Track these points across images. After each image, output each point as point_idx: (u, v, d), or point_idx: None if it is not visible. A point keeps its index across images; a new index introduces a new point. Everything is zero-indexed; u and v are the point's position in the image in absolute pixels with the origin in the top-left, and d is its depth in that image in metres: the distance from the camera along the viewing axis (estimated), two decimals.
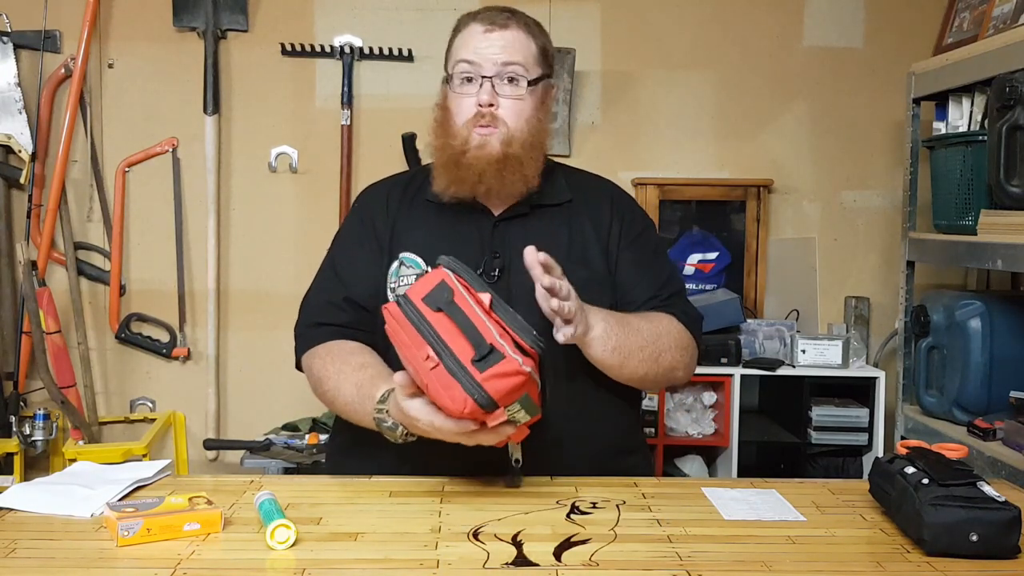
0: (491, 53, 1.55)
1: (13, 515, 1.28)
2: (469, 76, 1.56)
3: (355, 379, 1.48)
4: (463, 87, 1.57)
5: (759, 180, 3.21)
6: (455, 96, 1.58)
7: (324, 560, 1.13)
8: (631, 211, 1.71)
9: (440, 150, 1.59)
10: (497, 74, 1.55)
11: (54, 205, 3.04)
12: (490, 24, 1.57)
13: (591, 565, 1.12)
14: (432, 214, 1.63)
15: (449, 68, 1.60)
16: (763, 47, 3.27)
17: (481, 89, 1.55)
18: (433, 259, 1.55)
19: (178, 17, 3.13)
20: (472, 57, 1.56)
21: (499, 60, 1.55)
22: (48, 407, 2.90)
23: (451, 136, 1.57)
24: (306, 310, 1.66)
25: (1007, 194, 2.14)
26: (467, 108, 1.56)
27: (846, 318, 3.22)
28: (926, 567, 1.13)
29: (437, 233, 1.61)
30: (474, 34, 1.58)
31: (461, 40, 1.60)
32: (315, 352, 1.58)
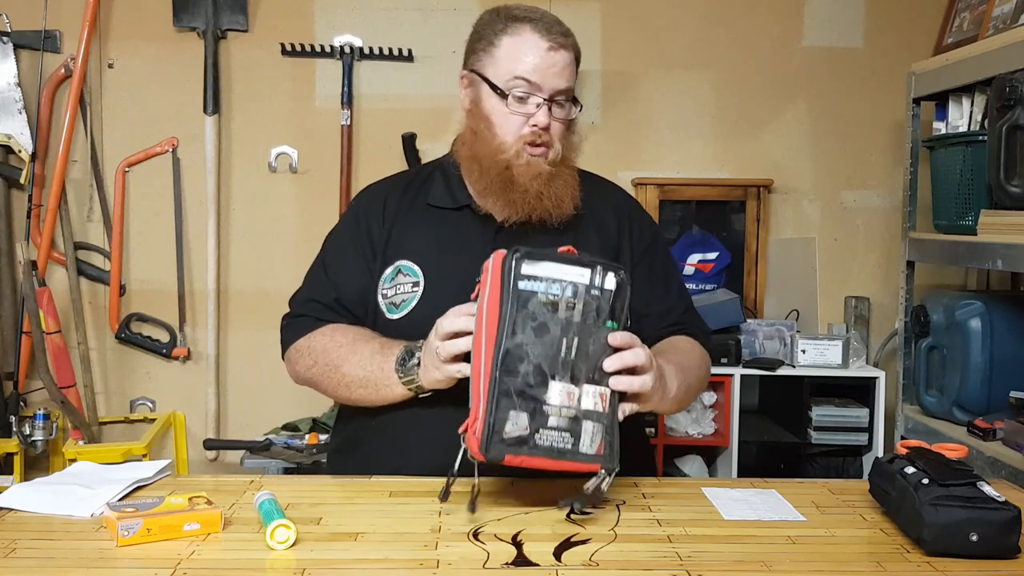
0: (552, 75, 1.51)
1: (13, 515, 1.28)
2: (525, 95, 1.52)
3: (378, 341, 1.50)
4: (517, 105, 1.52)
5: (759, 180, 3.21)
6: (505, 111, 1.53)
7: (324, 560, 1.13)
8: (639, 220, 1.70)
9: (481, 162, 1.54)
10: (553, 98, 1.53)
11: (54, 205, 3.04)
12: (552, 42, 1.52)
13: (591, 565, 1.12)
14: (432, 220, 1.60)
15: (500, 80, 1.53)
16: (763, 47, 3.27)
17: (539, 111, 1.51)
18: (432, 267, 1.56)
19: (178, 17, 3.13)
20: (534, 78, 1.51)
21: (558, 85, 1.52)
22: (48, 407, 2.90)
23: (496, 150, 1.53)
24: (295, 305, 1.66)
25: (1007, 194, 2.14)
26: (517, 125, 1.52)
27: (846, 318, 3.22)
28: (926, 567, 1.13)
29: (437, 241, 1.58)
30: (535, 49, 1.51)
31: (517, 50, 1.52)
32: (317, 332, 1.58)
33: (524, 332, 1.26)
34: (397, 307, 1.55)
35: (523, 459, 1.24)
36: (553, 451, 1.24)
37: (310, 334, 1.59)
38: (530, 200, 1.52)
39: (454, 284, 1.50)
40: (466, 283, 1.47)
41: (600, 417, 1.27)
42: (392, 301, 1.56)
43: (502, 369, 1.25)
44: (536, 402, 1.24)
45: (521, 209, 1.53)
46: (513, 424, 1.23)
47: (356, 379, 1.50)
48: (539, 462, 1.24)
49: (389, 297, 1.56)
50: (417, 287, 1.55)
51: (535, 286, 1.27)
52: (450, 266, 1.55)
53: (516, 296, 1.27)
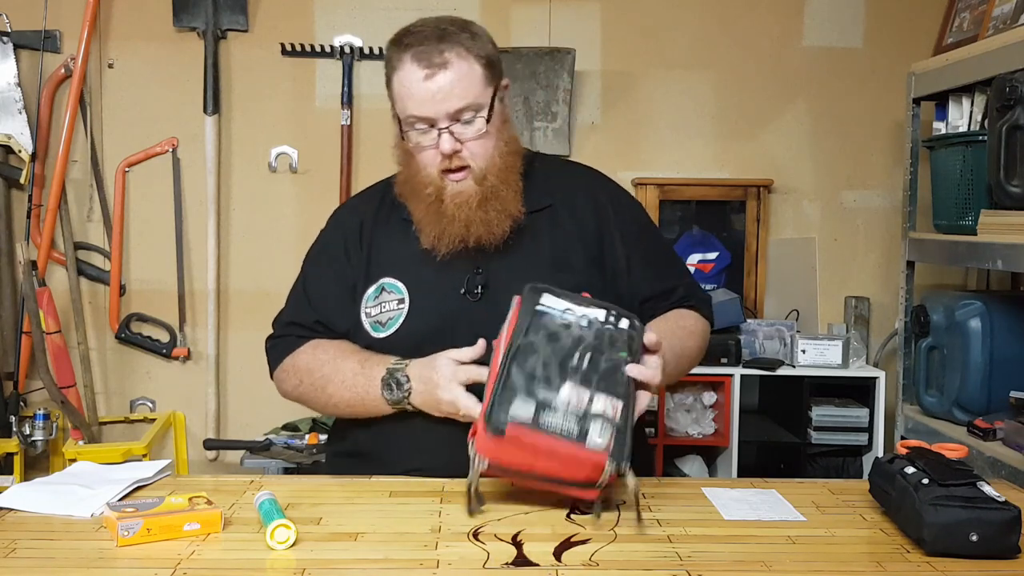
0: (439, 101, 1.46)
1: (13, 515, 1.28)
2: (425, 129, 1.50)
3: (357, 357, 1.50)
4: (421, 137, 1.50)
5: (759, 180, 3.21)
6: (415, 146, 1.51)
7: (324, 560, 1.13)
8: (617, 203, 1.65)
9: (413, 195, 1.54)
10: (450, 122, 1.48)
11: (54, 205, 3.04)
12: (428, 67, 1.46)
13: (591, 565, 1.12)
14: (410, 235, 1.57)
15: (400, 116, 1.52)
16: (763, 47, 3.27)
17: (441, 139, 1.48)
18: (414, 282, 1.54)
19: (178, 17, 3.13)
20: (421, 112, 1.47)
21: (450, 109, 1.47)
22: (48, 407, 2.90)
23: (422, 184, 1.51)
24: (278, 327, 1.66)
25: (1007, 194, 2.13)
26: (431, 157, 1.50)
27: (846, 318, 3.22)
28: (926, 567, 1.13)
29: (418, 255, 1.55)
30: (414, 83, 1.47)
31: (402, 86, 1.50)
32: (300, 350, 1.59)
33: (537, 335, 1.28)
34: (383, 325, 1.53)
35: (526, 434, 1.22)
36: (559, 432, 1.22)
37: (294, 353, 1.60)
38: (458, 228, 1.49)
39: (437, 299, 1.51)
40: (449, 298, 1.50)
41: (612, 421, 1.25)
42: (377, 320, 1.53)
43: (514, 361, 1.25)
44: (546, 395, 1.24)
45: (452, 239, 1.50)
46: (520, 406, 1.23)
47: (343, 400, 1.51)
48: (544, 440, 1.22)
49: (374, 316, 1.54)
50: (403, 304, 1.53)
51: (552, 311, 1.31)
52: (432, 281, 1.53)
53: (533, 312, 1.30)
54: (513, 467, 1.26)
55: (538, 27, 3.20)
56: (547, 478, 1.26)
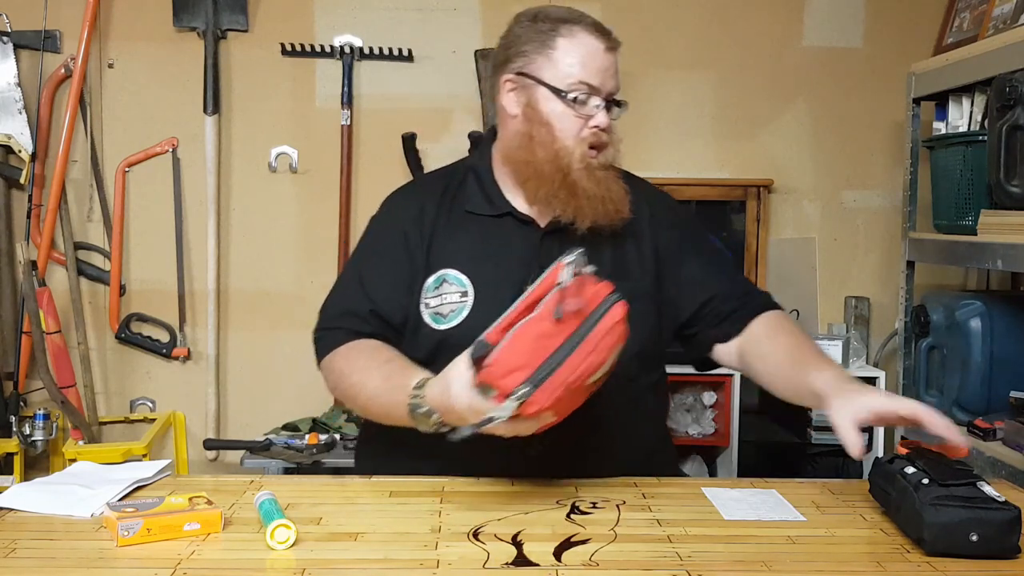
0: (608, 77, 1.53)
1: (13, 515, 1.28)
2: (586, 98, 1.52)
3: (383, 371, 1.44)
4: (579, 107, 1.51)
5: (759, 180, 3.21)
6: (567, 113, 1.51)
7: (324, 560, 1.13)
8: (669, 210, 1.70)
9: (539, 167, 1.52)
10: (609, 99, 1.53)
11: (54, 205, 3.04)
12: (608, 43, 1.54)
13: (591, 565, 1.12)
14: (473, 227, 1.57)
15: (561, 83, 1.51)
16: (763, 47, 3.27)
17: (599, 112, 1.51)
18: (479, 276, 1.53)
19: (178, 17, 3.13)
20: (595, 80, 1.51)
21: (613, 88, 1.54)
22: (48, 407, 2.90)
23: (556, 154, 1.50)
24: (327, 315, 1.60)
25: (1007, 194, 2.14)
26: (577, 127, 1.51)
27: (846, 318, 3.22)
28: (926, 567, 1.13)
29: (481, 248, 1.55)
30: (594, 51, 1.52)
31: (575, 52, 1.52)
32: (338, 351, 1.54)
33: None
34: (444, 317, 1.51)
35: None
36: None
37: (334, 351, 1.54)
38: (596, 205, 1.51)
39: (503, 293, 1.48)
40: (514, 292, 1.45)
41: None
42: (438, 311, 1.52)
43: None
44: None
45: (588, 215, 1.51)
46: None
47: (375, 413, 1.48)
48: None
49: (433, 307, 1.52)
50: (466, 297, 1.52)
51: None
52: (497, 275, 1.53)
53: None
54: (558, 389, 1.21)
55: None
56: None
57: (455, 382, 1.25)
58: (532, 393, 1.19)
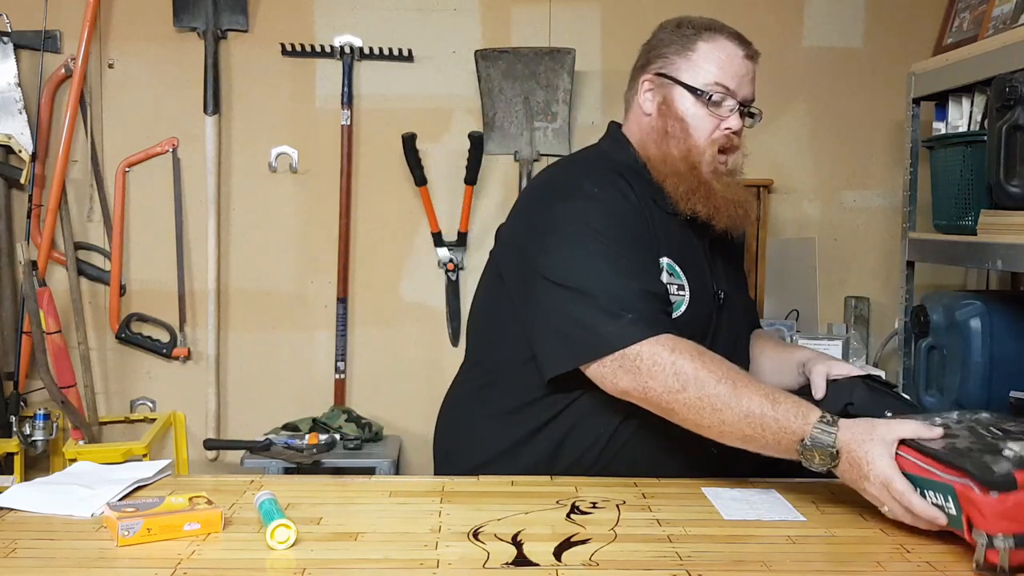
0: (746, 83, 1.59)
1: (13, 515, 1.28)
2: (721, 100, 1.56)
3: (762, 391, 1.32)
4: (714, 108, 1.56)
5: (759, 180, 3.20)
6: (702, 113, 1.56)
7: (324, 560, 1.13)
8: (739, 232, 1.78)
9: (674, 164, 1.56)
10: (744, 105, 1.58)
11: (54, 205, 3.04)
12: (748, 51, 1.61)
13: (591, 565, 1.12)
14: (670, 223, 1.59)
15: (699, 83, 1.57)
16: (763, 47, 3.20)
17: (732, 116, 1.57)
18: (689, 271, 1.55)
19: (178, 17, 3.13)
20: (731, 84, 1.57)
21: (748, 95, 1.60)
22: (48, 407, 2.89)
23: (687, 151, 1.55)
24: (617, 300, 1.40)
25: (1007, 194, 2.13)
26: (710, 128, 1.56)
27: (846, 318, 3.22)
28: (926, 567, 1.14)
29: (679, 242, 1.58)
30: (733, 57, 1.59)
31: (715, 56, 1.58)
32: (676, 351, 1.36)
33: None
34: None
35: None
36: None
37: (669, 346, 1.36)
38: (730, 208, 1.56)
39: (704, 289, 1.57)
40: (710, 296, 1.57)
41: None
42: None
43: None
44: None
45: (724, 216, 1.56)
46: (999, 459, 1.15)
47: (737, 431, 1.34)
48: None
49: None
50: (683, 291, 1.54)
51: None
52: (699, 278, 1.58)
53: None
54: None
55: (538, 27, 3.20)
56: None
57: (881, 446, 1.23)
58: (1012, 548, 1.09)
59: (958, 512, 1.13)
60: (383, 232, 3.21)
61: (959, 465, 1.13)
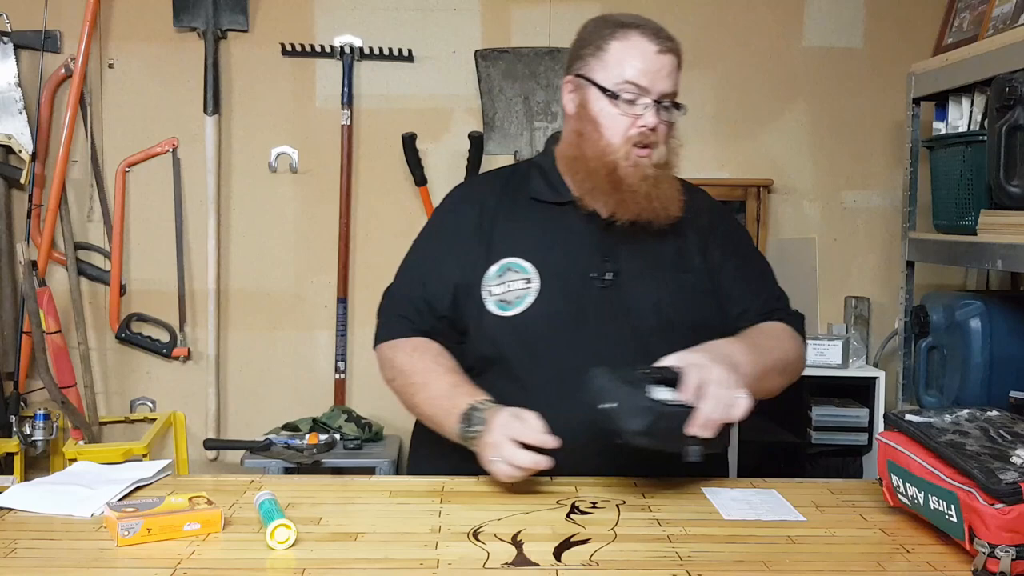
0: (660, 78, 1.56)
1: (13, 515, 1.28)
2: (634, 97, 1.55)
3: (450, 379, 1.52)
4: (625, 107, 1.55)
5: (759, 180, 3.21)
6: (614, 113, 1.55)
7: (324, 560, 1.13)
8: (727, 220, 1.77)
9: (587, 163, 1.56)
10: (660, 101, 1.56)
11: (54, 205, 3.04)
12: (660, 45, 1.57)
13: (591, 565, 1.12)
14: (536, 216, 1.62)
15: (610, 83, 1.55)
16: (763, 47, 3.27)
17: (647, 112, 1.54)
18: (544, 264, 1.56)
19: (178, 17, 3.13)
20: (643, 81, 1.54)
21: (665, 88, 1.56)
22: (48, 407, 2.90)
23: (603, 151, 1.55)
24: (390, 300, 1.67)
25: (1007, 194, 2.13)
26: (625, 126, 1.55)
27: (846, 318, 3.22)
28: (926, 567, 1.13)
29: (546, 237, 1.59)
30: (644, 53, 1.55)
31: (626, 54, 1.56)
32: (398, 344, 1.61)
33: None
34: (510, 304, 1.55)
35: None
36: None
37: (396, 344, 1.61)
38: (639, 200, 1.55)
39: (567, 281, 1.55)
40: (578, 281, 1.54)
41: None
42: (503, 299, 1.56)
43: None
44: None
45: (631, 209, 1.55)
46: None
47: (425, 414, 1.56)
48: None
49: (498, 295, 1.56)
50: (530, 284, 1.56)
51: None
52: (562, 261, 1.57)
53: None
54: None
55: (538, 27, 3.20)
56: None
57: (504, 440, 1.37)
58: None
59: (959, 520, 1.13)
60: (383, 232, 3.21)
61: (966, 469, 1.13)
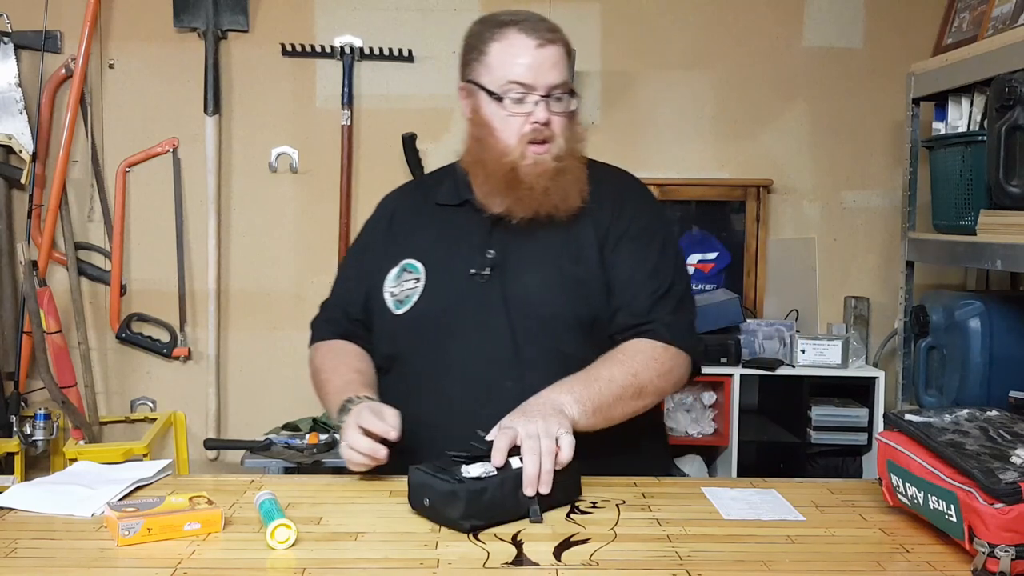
0: (544, 72, 1.54)
1: (14, 515, 1.28)
2: (522, 96, 1.54)
3: (346, 378, 1.59)
4: (514, 107, 1.54)
5: (759, 180, 3.21)
6: (504, 114, 1.55)
7: (324, 560, 1.13)
8: (636, 204, 1.65)
9: (486, 166, 1.57)
10: (549, 94, 1.54)
11: (55, 205, 3.04)
12: (540, 39, 1.55)
13: (591, 565, 1.13)
14: (437, 218, 1.66)
15: (495, 86, 1.55)
16: (763, 47, 3.27)
17: (537, 108, 1.54)
18: (431, 261, 1.60)
19: (178, 17, 3.13)
20: (527, 79, 1.53)
21: (552, 80, 1.54)
22: (49, 407, 2.90)
23: (501, 154, 1.55)
24: (321, 308, 1.78)
25: (1007, 194, 2.13)
26: (517, 125, 1.54)
27: (846, 318, 3.22)
28: (926, 567, 1.14)
29: (438, 237, 1.64)
30: (525, 50, 1.54)
31: (507, 54, 1.55)
32: (320, 346, 1.72)
33: None
34: (402, 303, 1.61)
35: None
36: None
37: (317, 345, 1.73)
38: (536, 197, 1.55)
39: (451, 275, 1.57)
40: (459, 277, 1.56)
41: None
42: (398, 298, 1.61)
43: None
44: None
45: (528, 206, 1.56)
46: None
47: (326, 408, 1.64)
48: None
49: (396, 295, 1.62)
50: (419, 282, 1.60)
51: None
52: (446, 258, 1.60)
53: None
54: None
55: None
56: None
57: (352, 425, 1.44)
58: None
59: (959, 520, 1.13)
60: None
61: (966, 469, 1.13)
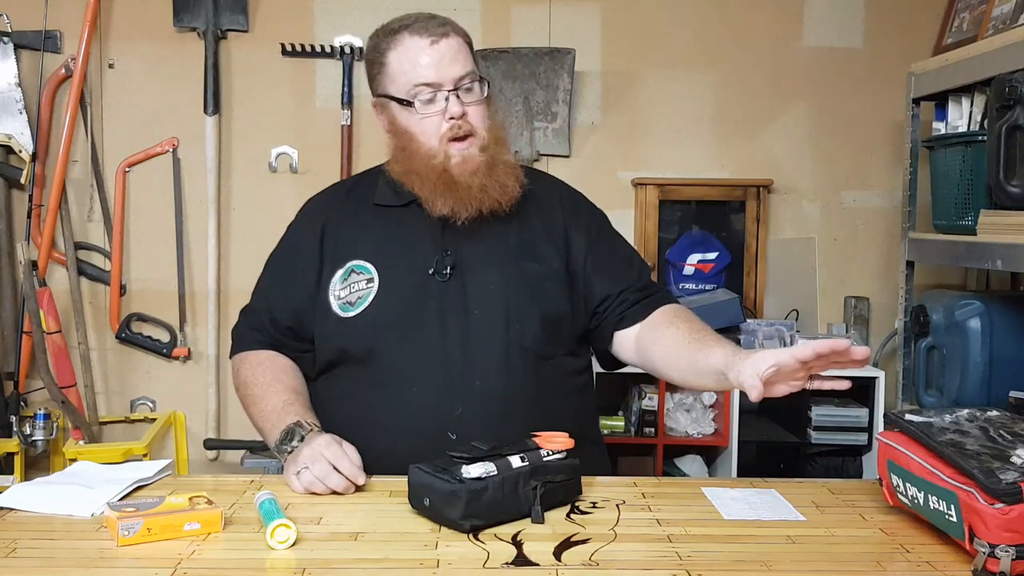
0: (445, 66, 1.54)
1: (13, 515, 1.28)
2: (431, 96, 1.54)
3: (284, 398, 1.57)
4: (426, 108, 1.54)
5: (759, 180, 3.21)
6: (419, 118, 1.55)
7: (324, 560, 1.13)
8: (582, 206, 1.72)
9: (418, 173, 1.56)
10: (457, 87, 1.54)
11: (54, 205, 3.04)
12: (431, 36, 1.54)
13: (591, 565, 1.13)
14: (380, 219, 1.63)
15: (403, 93, 1.55)
16: (763, 47, 3.27)
17: (449, 104, 1.53)
18: (384, 263, 1.58)
19: (178, 17, 3.13)
20: (427, 78, 1.53)
21: (455, 74, 1.54)
22: (48, 407, 2.90)
23: (426, 157, 1.54)
24: (242, 315, 1.73)
25: (1007, 194, 2.13)
26: (435, 126, 1.54)
27: (846, 318, 3.23)
28: (926, 567, 1.14)
29: (386, 238, 1.61)
30: (419, 50, 1.54)
31: (404, 59, 1.55)
32: (247, 356, 1.67)
33: None
34: (352, 305, 1.58)
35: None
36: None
37: (244, 355, 1.68)
38: (474, 195, 1.54)
39: (406, 278, 1.56)
40: (417, 277, 1.55)
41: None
42: (347, 300, 1.58)
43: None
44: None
45: (469, 205, 1.54)
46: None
47: (257, 425, 1.61)
48: None
49: (343, 297, 1.59)
50: (371, 283, 1.58)
51: None
52: (401, 261, 1.59)
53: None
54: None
55: (538, 27, 3.21)
56: None
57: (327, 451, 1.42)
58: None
59: (959, 520, 1.13)
60: None
61: (966, 469, 1.13)
